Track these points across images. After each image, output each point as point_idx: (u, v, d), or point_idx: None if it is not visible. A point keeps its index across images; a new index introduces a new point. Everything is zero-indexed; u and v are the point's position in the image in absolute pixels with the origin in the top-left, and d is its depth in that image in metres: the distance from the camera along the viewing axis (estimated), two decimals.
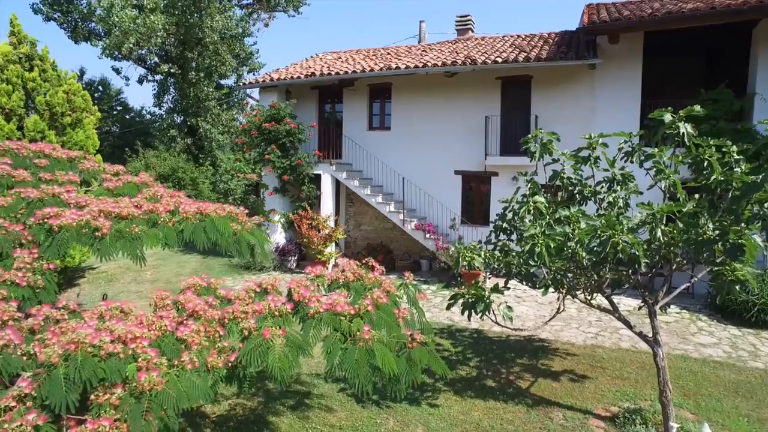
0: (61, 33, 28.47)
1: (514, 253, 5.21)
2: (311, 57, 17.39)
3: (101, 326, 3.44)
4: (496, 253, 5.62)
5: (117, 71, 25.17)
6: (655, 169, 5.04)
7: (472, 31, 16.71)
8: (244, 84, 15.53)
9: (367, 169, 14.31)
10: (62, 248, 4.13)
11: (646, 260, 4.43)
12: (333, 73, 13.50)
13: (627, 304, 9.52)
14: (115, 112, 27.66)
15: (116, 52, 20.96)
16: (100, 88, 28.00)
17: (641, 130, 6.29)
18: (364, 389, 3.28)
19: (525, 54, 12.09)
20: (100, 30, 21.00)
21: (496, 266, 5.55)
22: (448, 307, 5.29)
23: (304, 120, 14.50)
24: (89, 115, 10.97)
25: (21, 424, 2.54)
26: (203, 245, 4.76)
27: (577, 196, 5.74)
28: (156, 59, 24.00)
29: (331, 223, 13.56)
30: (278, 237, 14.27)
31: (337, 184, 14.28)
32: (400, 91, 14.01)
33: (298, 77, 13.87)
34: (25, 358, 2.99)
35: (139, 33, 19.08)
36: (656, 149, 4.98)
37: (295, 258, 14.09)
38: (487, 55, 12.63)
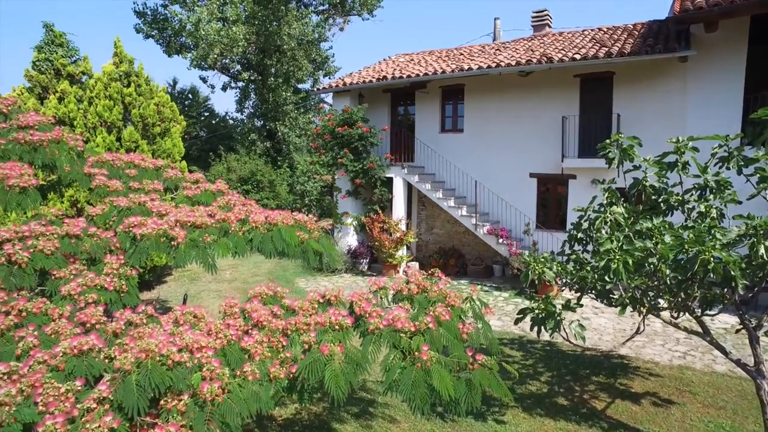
0: (157, 48, 30.81)
1: (589, 268, 4.87)
2: (384, 60, 17.49)
3: (175, 330, 3.64)
4: (569, 267, 5.28)
5: (204, 80, 26.80)
6: (758, 176, 4.48)
7: (549, 27, 16.02)
8: (318, 89, 15.94)
9: (440, 172, 14.16)
10: (143, 256, 4.41)
11: (745, 281, 3.96)
12: (404, 76, 13.48)
13: (723, 321, 8.69)
14: (202, 118, 29.46)
15: (203, 63, 22.31)
16: (190, 96, 29.92)
17: (742, 132, 5.64)
18: (420, 409, 3.21)
19: (606, 49, 11.37)
20: (190, 43, 22.44)
21: (568, 281, 5.23)
22: (517, 322, 5.06)
23: (376, 123, 14.63)
24: (176, 124, 11.75)
25: (99, 426, 2.72)
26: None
27: (661, 205, 5.27)
28: (238, 67, 25.28)
29: (403, 227, 13.56)
30: (350, 239, 14.50)
31: (409, 188, 14.26)
32: (473, 92, 13.72)
33: (370, 81, 13.99)
34: (107, 361, 3.21)
35: (223, 44, 20.17)
36: (761, 153, 4.41)
37: (367, 260, 14.25)
38: (564, 52, 12.04)
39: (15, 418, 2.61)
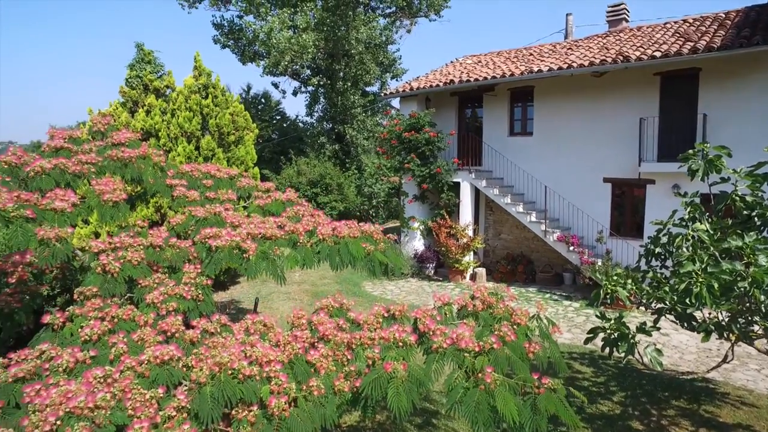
0: (233, 57, 32.34)
1: (667, 288, 4.56)
2: (451, 62, 17.34)
3: (246, 339, 3.82)
4: (645, 286, 4.96)
5: (275, 86, 27.85)
6: None
7: (626, 21, 15.17)
8: (385, 94, 16.07)
9: (508, 177, 13.85)
10: (218, 266, 4.66)
11: None
12: (472, 79, 13.30)
13: None
14: (274, 122, 30.59)
15: (274, 70, 23.18)
16: (263, 100, 31.15)
17: None
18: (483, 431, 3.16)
19: (692, 44, 10.60)
20: (262, 51, 23.41)
21: (644, 301, 4.93)
22: (587, 341, 4.85)
23: (443, 127, 14.55)
24: (249, 132, 12.30)
25: None
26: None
27: (756, 219, 4.83)
28: (308, 72, 26.03)
29: (470, 232, 13.40)
30: (417, 244, 14.51)
31: (477, 192, 14.05)
32: (544, 93, 13.28)
33: (437, 85, 13.92)
34: (185, 369, 3.43)
35: (294, 51, 20.85)
36: None
37: (433, 265, 14.20)
38: (643, 49, 11.37)
39: (110, 420, 2.84)
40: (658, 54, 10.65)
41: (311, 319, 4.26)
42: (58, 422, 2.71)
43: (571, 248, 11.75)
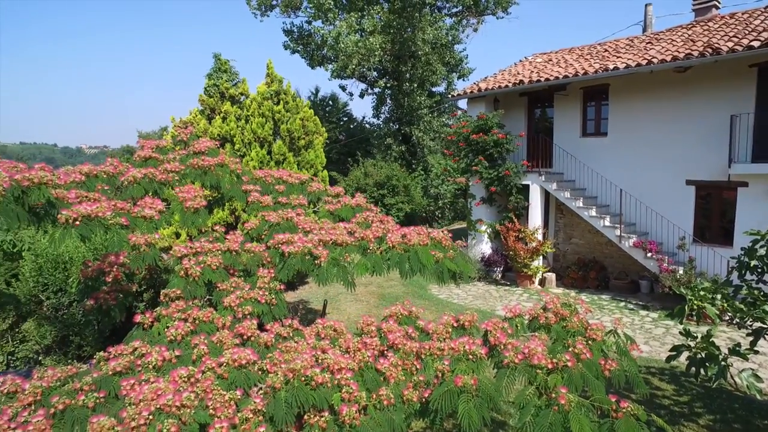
0: (302, 62, 33.32)
1: (767, 307, 4.16)
2: (520, 61, 16.90)
3: (317, 344, 3.93)
4: (738, 303, 4.56)
5: (343, 88, 28.43)
6: None
7: (717, 8, 14.06)
8: (452, 96, 15.92)
9: (580, 179, 13.30)
10: (290, 272, 4.82)
11: None
12: (542, 79, 12.88)
13: None
14: (341, 123, 31.21)
15: (342, 73, 23.64)
16: (330, 102, 31.87)
17: None
18: None
19: None
20: (331, 56, 23.95)
21: (738, 320, 4.55)
22: (669, 360, 4.55)
23: (512, 128, 14.21)
24: (318, 136, 12.62)
25: None
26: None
27: None
28: (375, 75, 26.31)
29: (539, 236, 13.00)
30: (484, 247, 14.28)
31: (546, 195, 13.61)
32: (619, 91, 12.63)
33: (506, 86, 13.61)
34: (260, 372, 3.58)
35: (360, 54, 21.16)
36: None
37: (501, 269, 13.92)
38: (737, 39, 10.49)
39: (194, 419, 3.02)
40: (756, 44, 9.76)
41: (380, 326, 4.30)
42: (150, 417, 2.91)
43: (649, 255, 11.09)
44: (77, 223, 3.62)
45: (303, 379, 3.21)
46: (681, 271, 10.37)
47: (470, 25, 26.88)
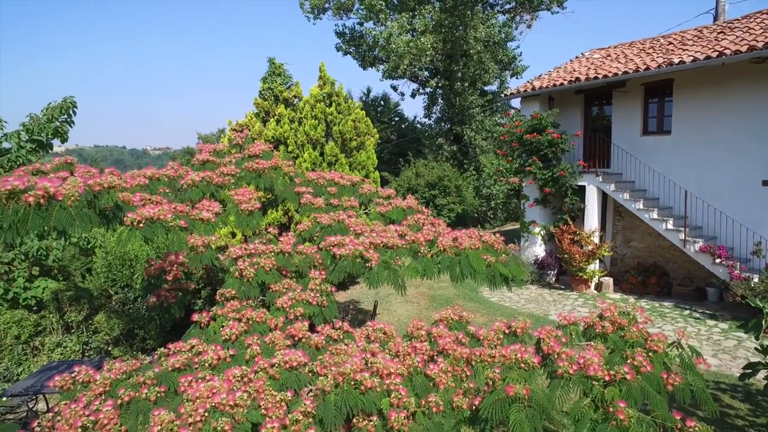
0: (354, 63, 33.69)
1: None
2: (576, 58, 16.34)
3: (367, 347, 3.95)
4: None
5: (394, 88, 28.46)
6: None
7: None
8: (505, 95, 15.59)
9: (640, 180, 12.70)
10: (341, 274, 4.87)
11: None
12: (600, 76, 12.39)
13: None
14: (393, 123, 31.31)
15: (393, 73, 23.70)
16: (382, 102, 32.03)
17: None
18: None
19: None
20: (382, 56, 24.06)
21: None
22: (743, 378, 4.25)
23: (567, 127, 13.76)
24: (370, 138, 12.70)
25: None
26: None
27: None
28: (426, 74, 26.20)
29: (596, 239, 12.52)
30: (537, 249, 13.92)
31: (604, 197, 13.08)
32: (685, 86, 11.93)
33: (561, 84, 13.19)
34: (310, 374, 3.64)
35: (412, 54, 21.12)
36: None
37: (555, 272, 13.52)
38: None
39: (246, 418, 3.11)
40: None
41: (430, 330, 4.28)
42: (206, 414, 3.02)
43: (718, 260, 10.42)
44: (141, 225, 3.81)
45: (352, 383, 3.23)
46: (756, 279, 9.68)
47: (524, 21, 26.27)
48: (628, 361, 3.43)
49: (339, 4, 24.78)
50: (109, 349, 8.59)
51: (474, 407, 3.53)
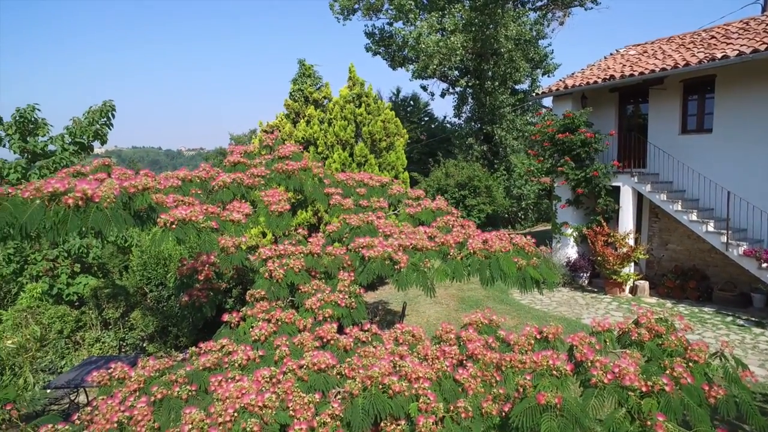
0: (384, 63, 33.74)
1: None
2: (611, 55, 15.91)
3: (395, 350, 3.92)
4: None
5: (424, 88, 28.35)
6: None
7: None
8: (537, 94, 15.30)
9: (678, 180, 12.26)
10: (370, 276, 4.85)
11: None
12: (636, 73, 12.01)
13: None
14: (422, 123, 31.19)
15: (423, 73, 23.60)
16: (411, 102, 31.94)
17: None
18: None
19: None
20: (412, 56, 23.99)
21: None
22: None
23: (601, 126, 13.42)
24: (399, 138, 12.67)
25: None
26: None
27: None
28: (456, 74, 25.99)
29: (630, 241, 12.17)
30: (569, 251, 13.62)
31: (639, 198, 12.70)
32: (729, 82, 11.45)
33: (595, 82, 12.86)
34: (338, 377, 3.63)
35: (441, 54, 20.98)
36: None
37: (587, 275, 13.20)
38: None
39: (275, 419, 3.12)
40: None
41: (460, 334, 4.22)
42: (235, 414, 3.05)
43: (765, 265, 9.96)
44: (174, 226, 3.88)
45: (380, 386, 3.21)
46: None
47: (556, 18, 25.79)
48: (667, 372, 3.31)
49: (368, 5, 24.83)
50: (144, 345, 8.82)
51: (504, 414, 3.46)
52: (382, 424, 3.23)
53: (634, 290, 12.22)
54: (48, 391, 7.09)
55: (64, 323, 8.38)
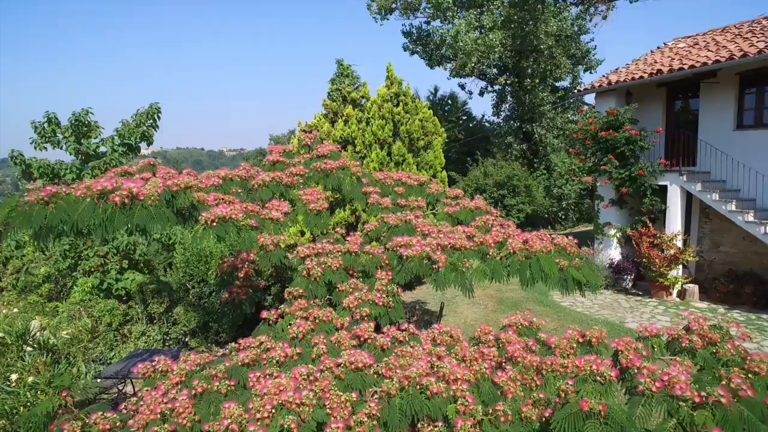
0: (421, 62, 33.64)
1: None
2: (658, 48, 15.30)
3: (433, 350, 3.88)
4: None
5: (462, 87, 28.11)
6: None
7: None
8: (578, 91, 14.87)
9: (732, 179, 11.66)
10: (408, 275, 4.82)
11: None
12: (686, 67, 11.49)
13: None
14: (460, 122, 30.91)
15: (461, 71, 23.35)
16: (449, 101, 31.69)
17: None
18: None
19: None
20: (449, 55, 23.78)
21: None
22: None
23: (646, 123, 12.91)
24: (437, 137, 12.57)
25: None
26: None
27: None
28: (495, 72, 25.60)
29: (679, 243, 11.66)
30: (613, 252, 13.18)
31: (688, 197, 12.14)
32: None
33: (641, 77, 12.38)
34: (375, 376, 3.61)
35: (480, 52, 20.70)
36: None
37: (632, 277, 12.74)
38: None
39: (312, 417, 3.13)
40: None
41: (499, 336, 4.14)
42: (273, 411, 3.08)
43: None
44: (214, 224, 3.96)
45: (418, 387, 3.18)
46: None
47: (599, 12, 24.96)
48: (723, 383, 3.12)
49: (406, 4, 24.76)
50: (187, 340, 9.08)
51: (544, 419, 3.36)
52: (419, 425, 3.19)
53: (682, 294, 11.71)
54: (98, 380, 7.40)
55: (113, 316, 8.73)
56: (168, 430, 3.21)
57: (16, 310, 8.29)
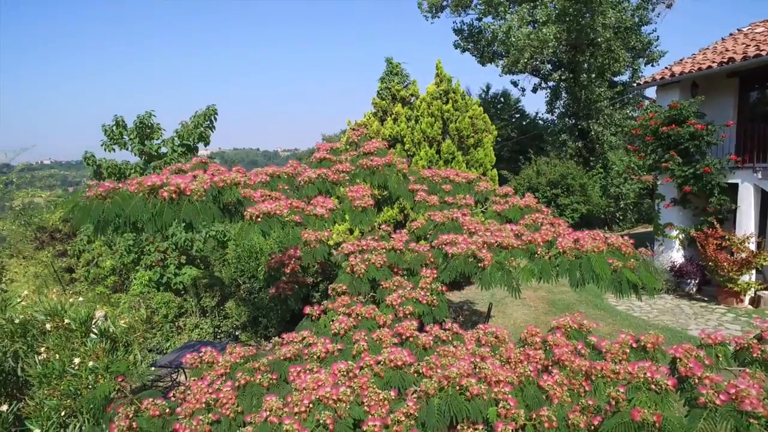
0: (472, 60, 33.19)
1: None
2: (730, 35, 14.29)
3: (476, 351, 3.77)
4: None
5: (514, 84, 27.37)
6: None
7: None
8: (638, 84, 14.13)
9: None
10: (453, 273, 4.72)
11: None
12: (764, 53, 10.63)
13: None
14: (513, 120, 30.22)
15: (513, 68, 22.78)
16: (501, 99, 31.06)
17: None
18: None
19: None
20: (501, 51, 23.26)
21: None
22: None
23: (714, 117, 12.08)
24: (488, 134, 12.32)
25: None
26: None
27: None
28: (549, 67, 24.80)
29: (751, 245, 10.85)
30: (674, 255, 12.45)
31: (763, 196, 11.27)
32: None
33: (709, 67, 11.60)
34: (416, 375, 3.55)
35: (533, 47, 20.09)
36: None
37: (696, 281, 11.99)
38: None
39: (349, 414, 3.11)
40: None
41: (546, 338, 3.98)
42: (310, 405, 3.08)
43: None
44: (259, 219, 4.02)
45: (458, 388, 3.09)
46: None
47: (662, 1, 23.66)
48: None
49: (457, 1, 24.44)
50: (237, 333, 9.35)
51: (592, 428, 3.19)
52: (458, 427, 3.10)
53: (756, 302, 10.89)
54: (153, 368, 7.74)
55: (169, 309, 9.11)
56: (212, 420, 3.29)
57: (81, 299, 8.81)
